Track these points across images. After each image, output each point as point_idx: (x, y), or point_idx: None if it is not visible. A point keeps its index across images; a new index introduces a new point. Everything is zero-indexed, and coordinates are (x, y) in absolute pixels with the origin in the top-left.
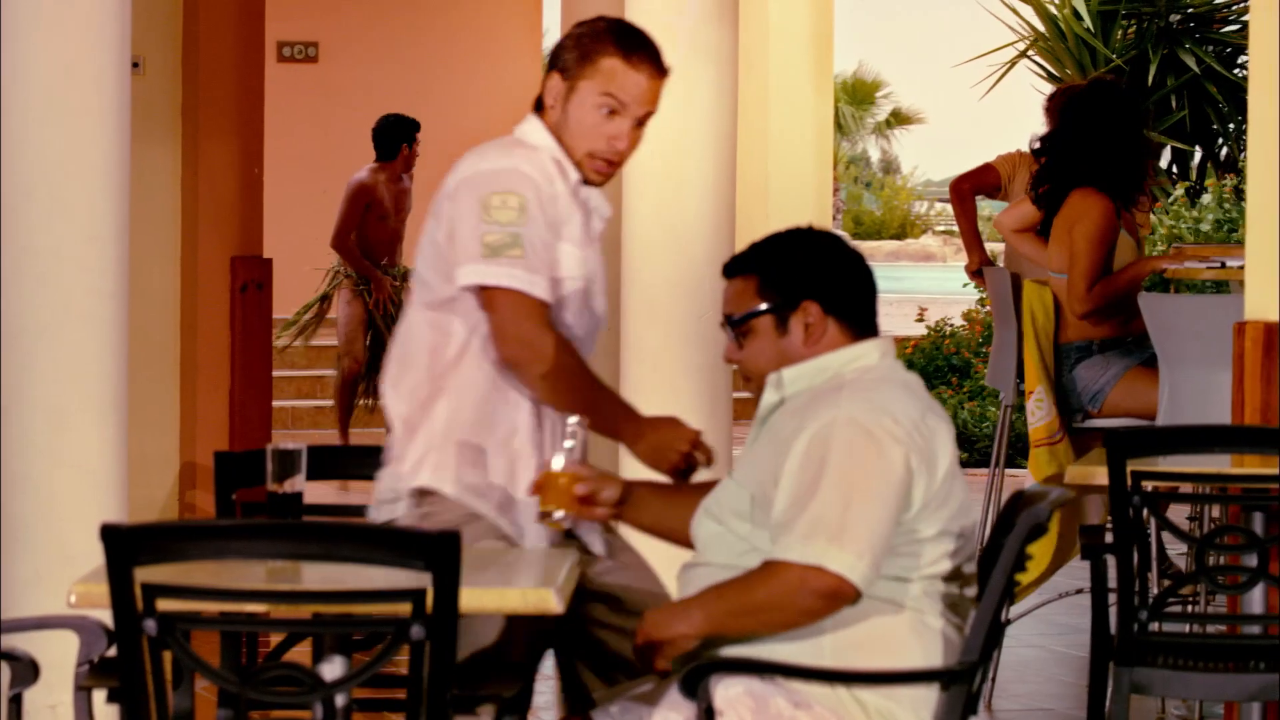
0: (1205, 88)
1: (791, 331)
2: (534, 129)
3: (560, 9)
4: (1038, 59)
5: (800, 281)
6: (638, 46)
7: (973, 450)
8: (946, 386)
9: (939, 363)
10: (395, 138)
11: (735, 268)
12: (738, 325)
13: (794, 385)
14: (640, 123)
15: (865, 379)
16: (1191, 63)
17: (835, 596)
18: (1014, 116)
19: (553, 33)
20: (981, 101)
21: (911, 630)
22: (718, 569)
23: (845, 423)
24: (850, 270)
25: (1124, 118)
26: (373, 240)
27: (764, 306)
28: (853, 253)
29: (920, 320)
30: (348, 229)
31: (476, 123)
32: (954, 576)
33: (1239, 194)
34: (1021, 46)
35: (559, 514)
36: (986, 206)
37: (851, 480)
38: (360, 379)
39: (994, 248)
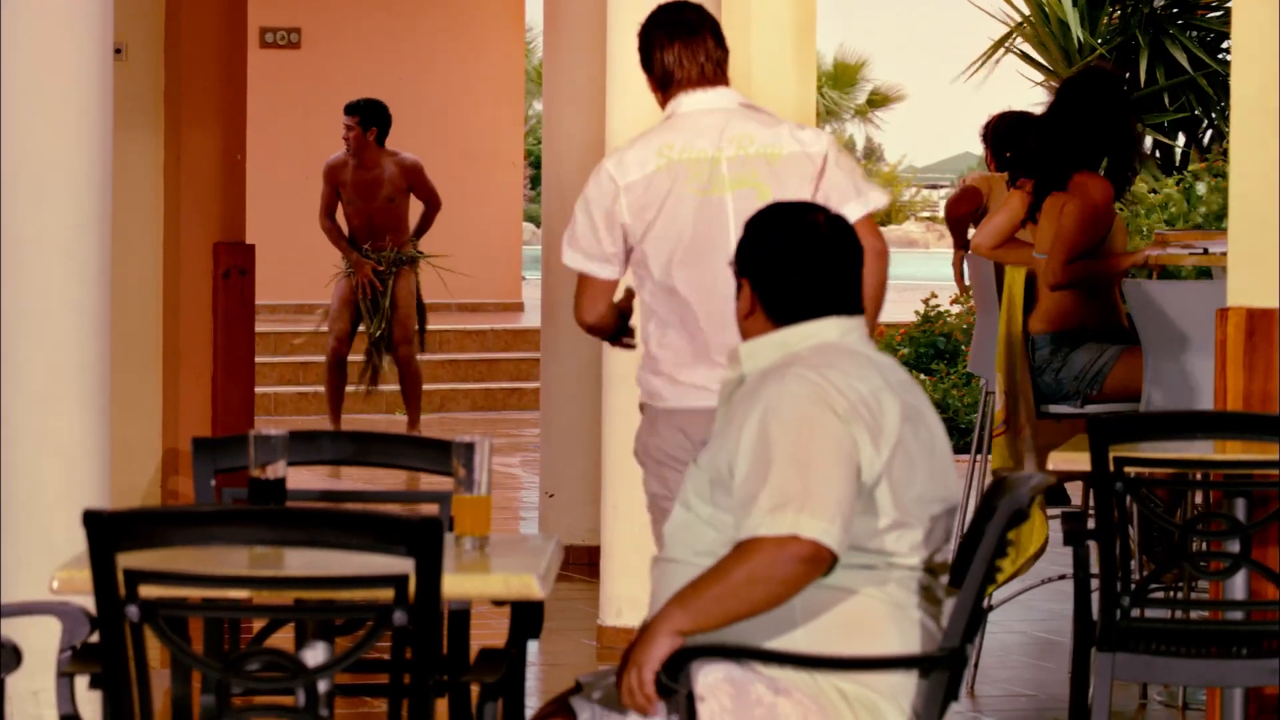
0: (1192, 77)
1: (740, 299)
2: None
3: None
4: (1023, 45)
5: (741, 257)
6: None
7: (962, 437)
8: (931, 375)
9: (923, 348)
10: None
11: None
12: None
13: (750, 361)
14: None
15: (820, 354)
16: (1177, 50)
17: (814, 561)
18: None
19: (535, 18)
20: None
21: (885, 617)
22: (683, 565)
23: (790, 396)
24: (792, 260)
25: (1120, 103)
26: (350, 223)
27: (732, 265)
28: (809, 241)
29: (917, 312)
30: (323, 210)
31: (459, 108)
32: (927, 563)
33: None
34: (1009, 34)
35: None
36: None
37: (805, 449)
38: (343, 359)
39: None
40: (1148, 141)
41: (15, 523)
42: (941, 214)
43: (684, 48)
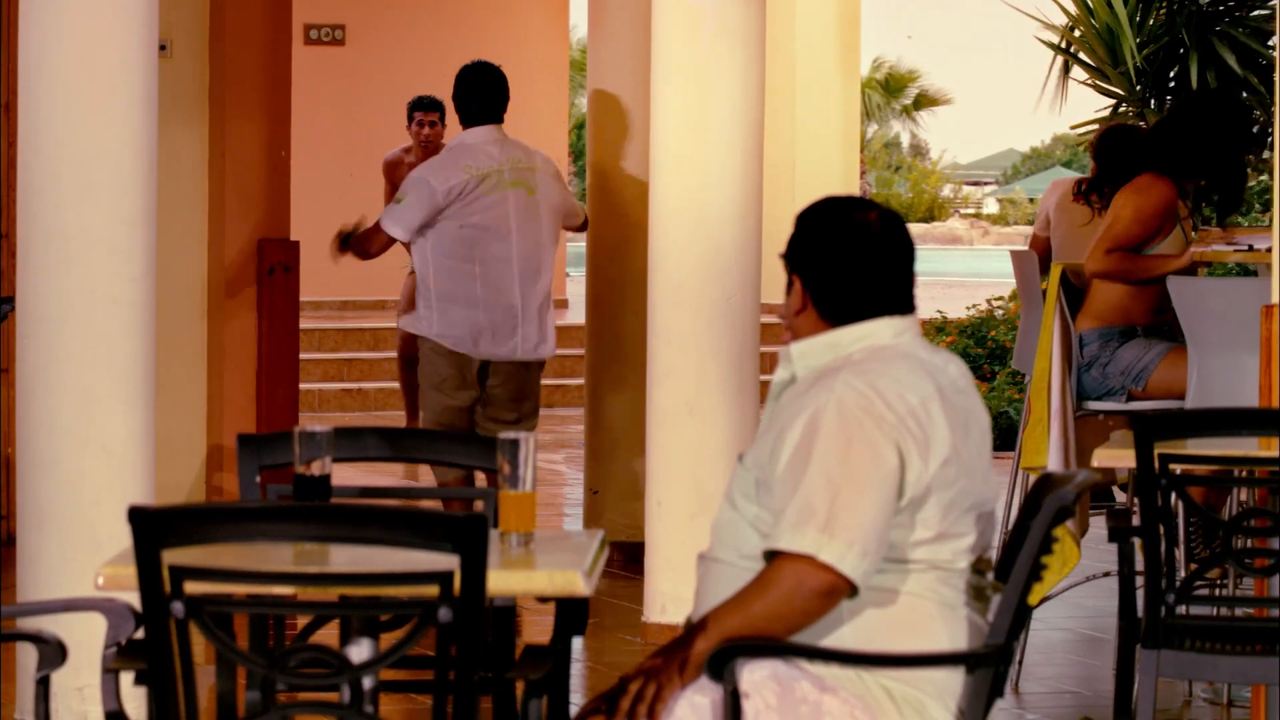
0: (1237, 73)
1: (791, 296)
2: None
3: None
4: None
5: (795, 255)
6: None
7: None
8: (983, 380)
9: (979, 349)
10: (408, 117)
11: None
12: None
13: (802, 362)
14: None
15: (872, 359)
16: (1225, 50)
17: (830, 593)
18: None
19: (579, 12)
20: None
21: (934, 616)
22: (727, 567)
23: (835, 407)
24: (839, 260)
25: (1234, 129)
26: None
27: (784, 258)
28: (859, 241)
29: (971, 308)
30: (388, 204)
31: None
32: (971, 560)
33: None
34: (1060, 43)
35: None
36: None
37: (839, 468)
38: (415, 356)
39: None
40: None
41: (60, 519)
42: (985, 210)
43: None
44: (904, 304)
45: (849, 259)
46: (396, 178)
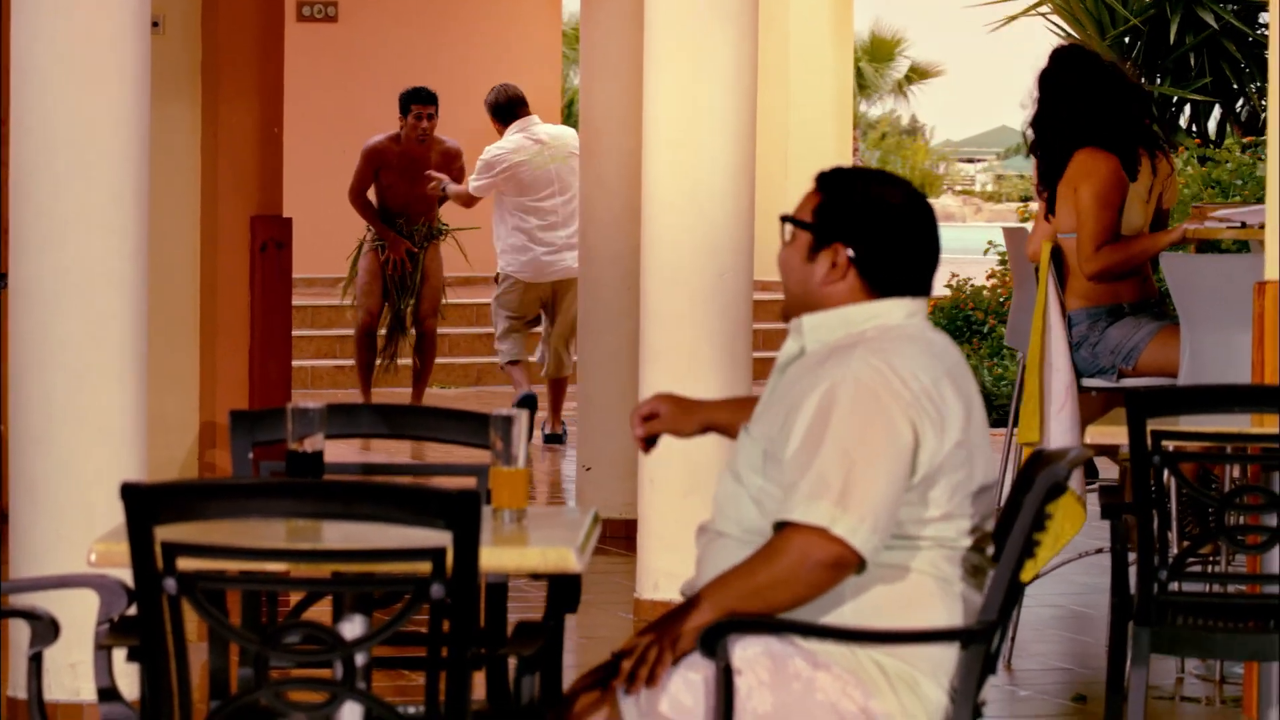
0: (1224, 46)
1: (818, 263)
2: None
3: None
4: (1056, 19)
5: (844, 222)
6: None
7: (992, 410)
8: (967, 345)
9: (959, 322)
10: (400, 110)
11: (820, 177)
12: (786, 223)
13: (813, 335)
14: None
15: (884, 338)
16: (1210, 20)
17: (839, 565)
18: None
19: None
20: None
21: (934, 594)
22: (729, 540)
23: (852, 382)
24: (898, 233)
25: (1095, 75)
26: (389, 203)
27: (808, 224)
28: (915, 217)
29: (948, 285)
30: (356, 188)
31: (495, 79)
32: (973, 538)
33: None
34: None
35: None
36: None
37: (855, 443)
38: (374, 332)
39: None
40: (1182, 119)
41: (54, 495)
42: (978, 187)
43: None
44: (928, 286)
45: (908, 231)
46: (381, 164)
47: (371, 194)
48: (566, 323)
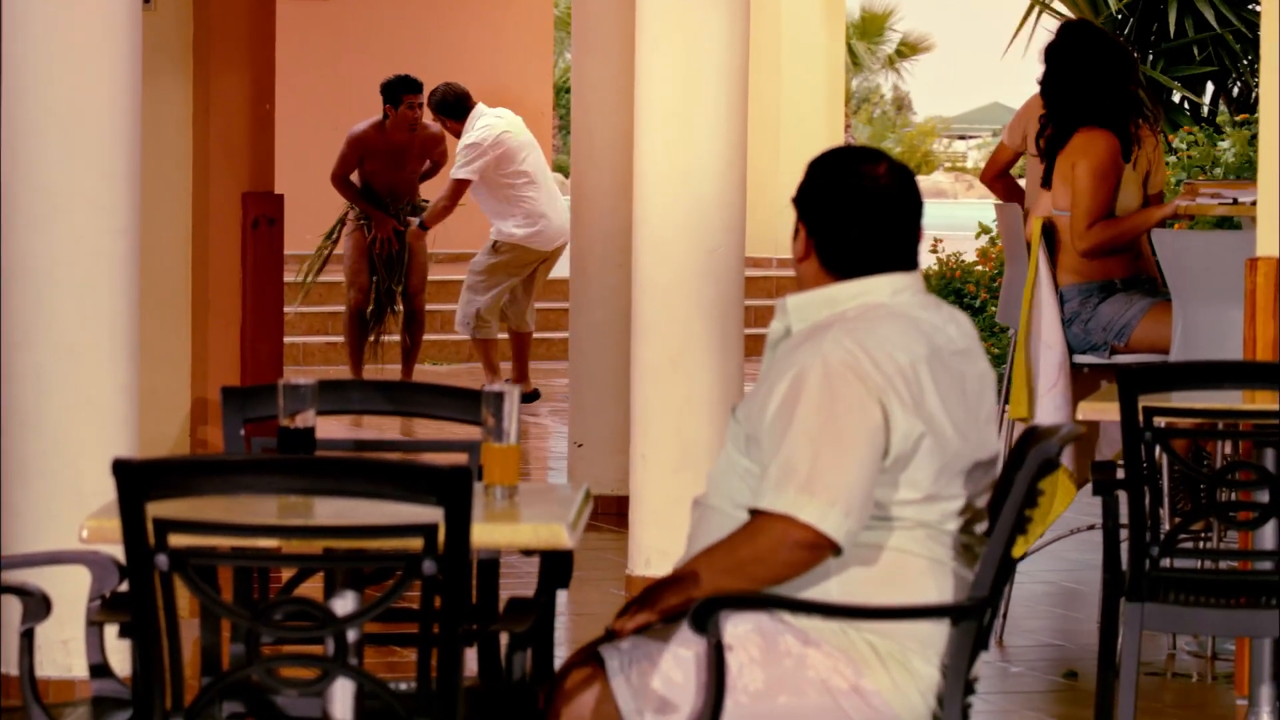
0: (1220, 33)
1: (796, 243)
2: None
3: None
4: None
5: (802, 203)
6: None
7: None
8: None
9: (950, 297)
10: (386, 98)
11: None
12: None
13: (798, 314)
14: None
15: (864, 317)
16: (1204, 5)
17: (814, 548)
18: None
19: None
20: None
21: (923, 572)
22: (720, 514)
23: (820, 366)
24: (851, 212)
25: (1101, 54)
26: (376, 187)
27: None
28: (870, 194)
29: (934, 252)
30: (339, 173)
31: (487, 59)
32: (962, 519)
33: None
34: None
35: None
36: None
37: (821, 427)
38: (366, 310)
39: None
40: (1175, 96)
41: (45, 472)
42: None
43: None
44: (907, 260)
45: (853, 211)
46: (366, 151)
47: (354, 178)
48: (540, 284)
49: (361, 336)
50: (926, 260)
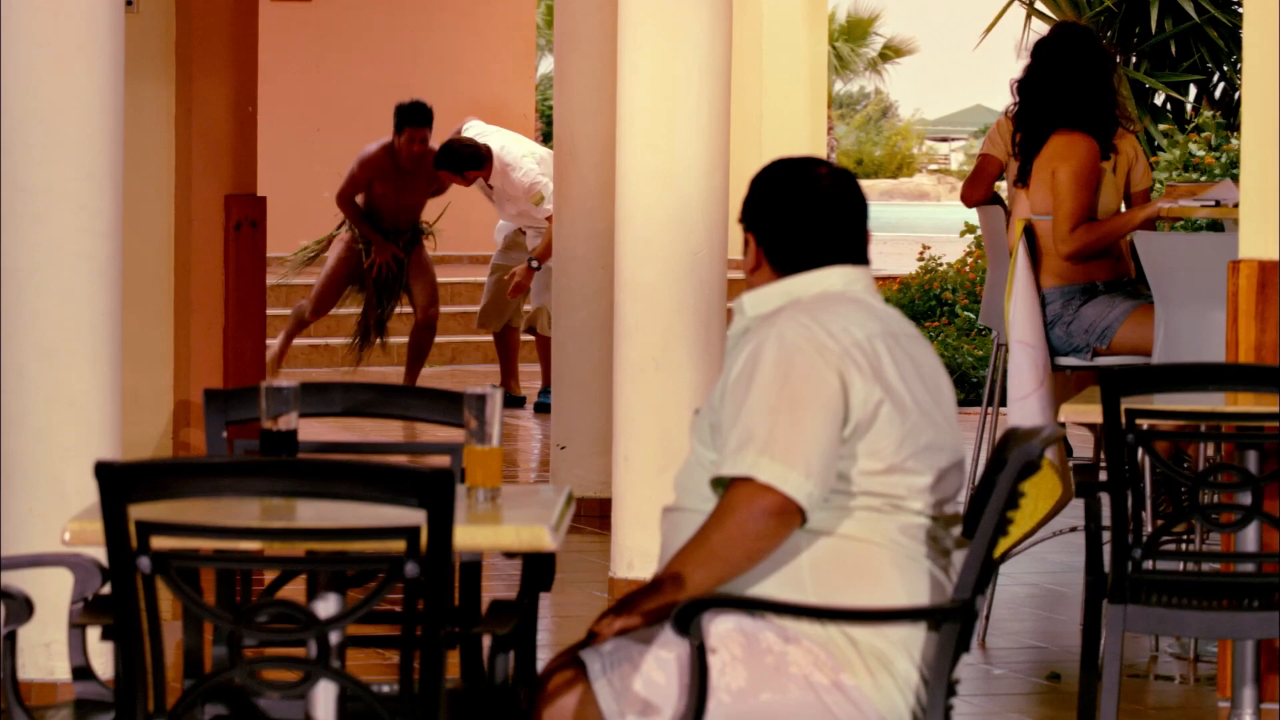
0: (1202, 29)
1: (748, 254)
2: None
3: None
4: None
5: (749, 216)
6: None
7: (972, 388)
8: (934, 320)
9: (931, 301)
10: (397, 123)
11: None
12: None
13: (755, 310)
14: None
15: (819, 301)
16: (1189, 7)
17: (780, 513)
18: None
19: None
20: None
21: (890, 564)
22: (689, 514)
23: (775, 339)
24: (797, 214)
25: (1092, 59)
26: (380, 210)
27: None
28: (814, 195)
29: (920, 260)
30: (346, 193)
31: (469, 62)
32: (935, 512)
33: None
34: None
35: None
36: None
37: (778, 393)
38: (305, 323)
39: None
40: (1159, 97)
41: (27, 474)
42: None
43: None
44: (856, 255)
45: (797, 211)
46: (377, 174)
47: (359, 200)
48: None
49: (295, 335)
50: (912, 266)
